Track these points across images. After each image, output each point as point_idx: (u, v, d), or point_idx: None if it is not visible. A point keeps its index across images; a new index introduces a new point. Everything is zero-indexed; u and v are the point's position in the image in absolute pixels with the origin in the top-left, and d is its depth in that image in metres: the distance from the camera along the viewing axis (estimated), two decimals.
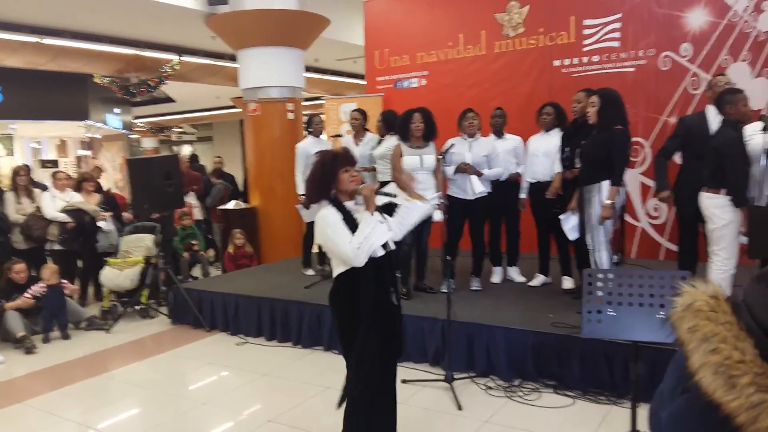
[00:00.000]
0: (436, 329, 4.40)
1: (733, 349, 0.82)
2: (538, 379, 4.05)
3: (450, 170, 5.06)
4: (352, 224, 2.69)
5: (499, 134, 5.46)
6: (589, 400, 3.78)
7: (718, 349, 0.82)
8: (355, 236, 2.64)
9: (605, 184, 4.18)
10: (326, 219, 2.71)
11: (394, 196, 2.99)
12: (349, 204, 2.77)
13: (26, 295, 5.57)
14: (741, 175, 3.81)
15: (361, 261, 2.65)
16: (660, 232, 6.15)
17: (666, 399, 0.98)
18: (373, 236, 2.66)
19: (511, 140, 5.46)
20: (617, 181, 4.15)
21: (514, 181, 5.39)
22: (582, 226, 4.41)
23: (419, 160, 4.95)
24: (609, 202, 4.14)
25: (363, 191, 2.74)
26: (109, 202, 7.23)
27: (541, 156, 5.13)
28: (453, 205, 5.09)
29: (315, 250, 6.51)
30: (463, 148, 5.13)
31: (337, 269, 2.78)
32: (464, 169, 5.03)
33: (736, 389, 0.78)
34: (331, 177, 2.73)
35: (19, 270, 5.70)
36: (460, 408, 3.74)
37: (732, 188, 3.83)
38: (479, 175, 5.10)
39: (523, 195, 5.35)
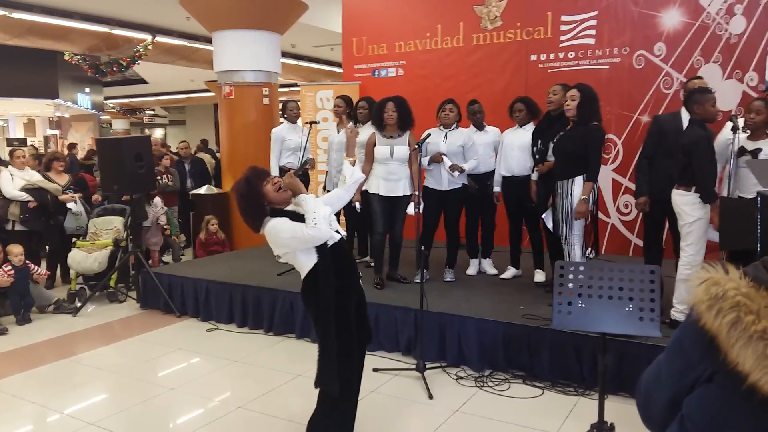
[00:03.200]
0: (409, 319, 4.43)
1: None
2: (508, 370, 4.11)
3: (425, 161, 5.07)
4: (299, 220, 2.72)
5: (480, 127, 5.47)
6: (557, 391, 3.85)
7: None
8: (307, 218, 2.68)
9: (579, 180, 4.24)
10: (275, 227, 2.74)
11: (306, 165, 3.03)
12: (288, 208, 2.80)
13: (3, 275, 5.42)
14: (708, 172, 3.89)
15: (324, 232, 2.68)
16: (630, 228, 6.26)
17: (668, 383, 0.97)
18: (319, 207, 2.69)
19: (492, 133, 5.46)
20: (593, 177, 4.21)
21: (490, 174, 5.41)
22: (556, 221, 4.46)
23: (389, 150, 4.94)
24: (583, 197, 4.20)
25: (284, 182, 2.77)
26: (79, 182, 7.09)
27: (516, 150, 5.15)
28: (428, 196, 5.10)
29: None
30: (438, 138, 5.13)
31: (303, 271, 2.80)
32: (437, 158, 5.03)
33: None
34: (258, 197, 2.75)
35: (17, 252, 5.57)
36: (431, 397, 3.78)
37: (700, 185, 3.91)
38: (461, 170, 5.04)
39: (497, 188, 5.37)
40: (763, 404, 0.77)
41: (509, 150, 5.20)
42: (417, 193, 4.69)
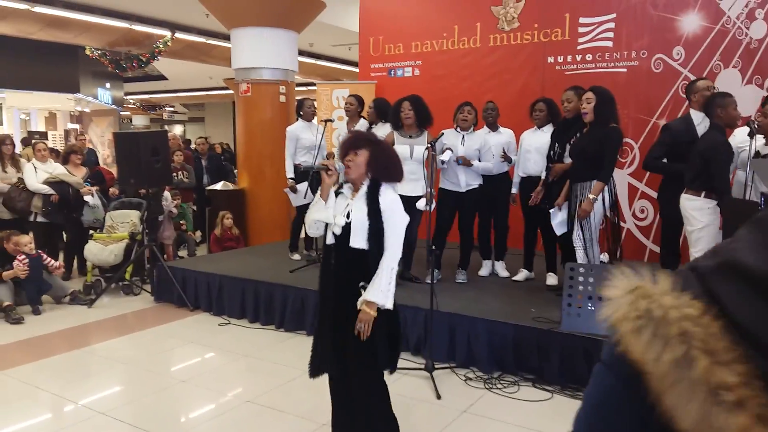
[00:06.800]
0: (419, 318, 4.43)
1: (762, 426, 0.54)
2: (517, 373, 4.09)
3: (440, 160, 5.02)
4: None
5: (493, 127, 5.46)
6: (567, 395, 3.82)
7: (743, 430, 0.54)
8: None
9: (598, 181, 4.21)
10: None
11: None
12: (345, 186, 2.86)
13: (20, 265, 5.49)
14: (727, 178, 3.85)
15: (310, 232, 2.86)
16: (645, 233, 6.21)
17: None
18: (312, 210, 2.82)
19: (505, 134, 5.45)
20: (605, 178, 4.18)
21: (503, 175, 5.41)
22: (570, 223, 4.44)
23: (409, 150, 4.95)
24: (592, 196, 4.17)
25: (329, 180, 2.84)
26: (96, 176, 7.18)
27: (533, 152, 5.14)
28: (444, 198, 5.11)
29: (303, 235, 6.52)
30: (455, 141, 5.14)
31: None
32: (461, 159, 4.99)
33: None
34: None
35: (27, 242, 5.64)
36: (439, 397, 3.78)
37: (719, 192, 3.87)
38: (469, 165, 5.09)
39: (514, 190, 5.37)
40: None
41: (526, 152, 5.20)
42: (430, 190, 4.66)
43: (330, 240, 2.78)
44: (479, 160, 5.20)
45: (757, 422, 0.54)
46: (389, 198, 2.73)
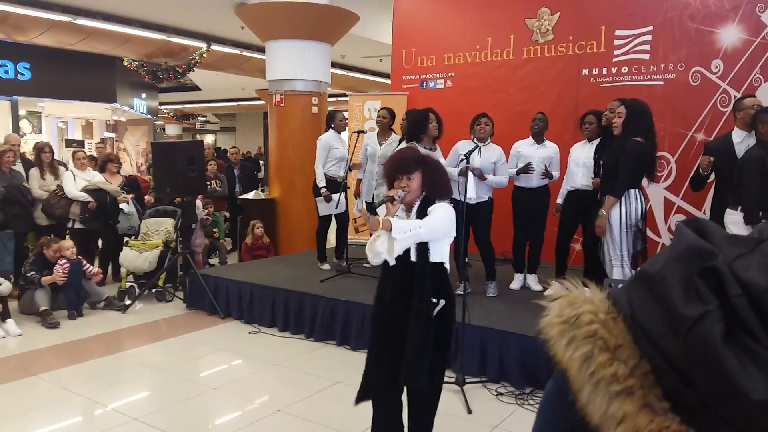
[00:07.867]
0: None
1: (647, 413, 0.61)
2: None
3: (454, 172, 4.89)
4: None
5: (539, 139, 5.38)
6: None
7: (625, 417, 0.61)
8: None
9: (612, 197, 4.16)
10: None
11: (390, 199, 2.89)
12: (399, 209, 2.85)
13: (60, 270, 5.60)
14: (753, 192, 3.76)
15: (372, 261, 2.73)
16: None
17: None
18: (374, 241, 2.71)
19: (550, 149, 5.37)
20: (617, 193, 4.11)
21: (543, 188, 5.35)
22: (590, 236, 4.40)
23: None
24: (603, 212, 4.10)
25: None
26: (131, 184, 7.31)
27: (582, 165, 5.08)
28: (456, 209, 5.02)
29: (330, 245, 6.55)
30: (472, 152, 5.07)
31: None
32: (466, 171, 4.91)
33: None
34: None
35: (69, 246, 5.76)
36: (469, 412, 3.74)
37: (744, 205, 3.79)
38: (483, 179, 5.01)
39: (560, 200, 5.32)
40: None
41: (575, 165, 5.15)
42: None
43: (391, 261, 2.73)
44: (494, 174, 5.14)
45: (643, 408, 0.61)
46: (437, 206, 2.76)
